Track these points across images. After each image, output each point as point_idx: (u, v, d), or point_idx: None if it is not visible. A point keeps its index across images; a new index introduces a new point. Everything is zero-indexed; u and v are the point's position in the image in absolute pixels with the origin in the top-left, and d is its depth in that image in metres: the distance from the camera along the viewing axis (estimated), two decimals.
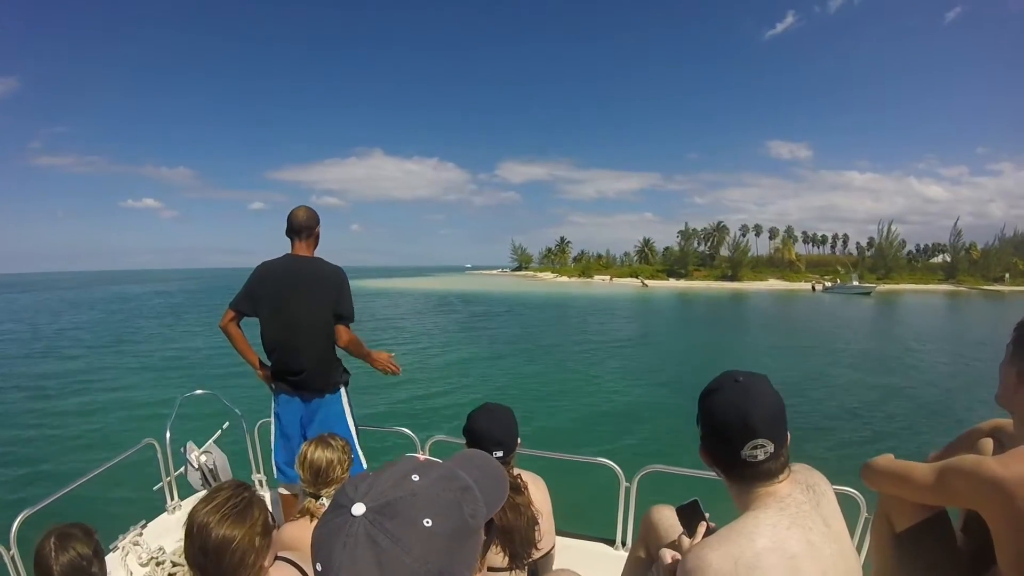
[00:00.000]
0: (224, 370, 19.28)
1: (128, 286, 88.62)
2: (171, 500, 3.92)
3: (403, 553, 0.69)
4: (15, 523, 2.68)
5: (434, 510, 0.73)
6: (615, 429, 13.33)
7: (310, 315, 3.48)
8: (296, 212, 3.59)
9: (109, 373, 19.55)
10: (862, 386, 18.47)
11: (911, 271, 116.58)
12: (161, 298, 58.68)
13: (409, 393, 16.62)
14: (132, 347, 26.01)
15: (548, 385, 18.48)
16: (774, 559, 1.34)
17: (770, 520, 1.40)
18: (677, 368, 21.88)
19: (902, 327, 40.70)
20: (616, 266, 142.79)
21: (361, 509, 0.71)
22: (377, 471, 0.77)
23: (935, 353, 26.87)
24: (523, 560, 2.28)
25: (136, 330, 32.77)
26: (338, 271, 3.61)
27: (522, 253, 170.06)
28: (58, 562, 1.86)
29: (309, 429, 3.53)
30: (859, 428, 13.43)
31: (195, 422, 4.82)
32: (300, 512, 2.34)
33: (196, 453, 3.96)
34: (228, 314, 3.54)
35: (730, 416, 1.46)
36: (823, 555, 1.39)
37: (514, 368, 21.75)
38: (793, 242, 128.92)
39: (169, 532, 3.65)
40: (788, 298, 76.62)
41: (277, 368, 3.55)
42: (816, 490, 1.50)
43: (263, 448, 4.26)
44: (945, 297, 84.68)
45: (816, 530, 1.41)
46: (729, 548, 1.37)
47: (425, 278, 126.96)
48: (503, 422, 2.34)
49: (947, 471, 1.85)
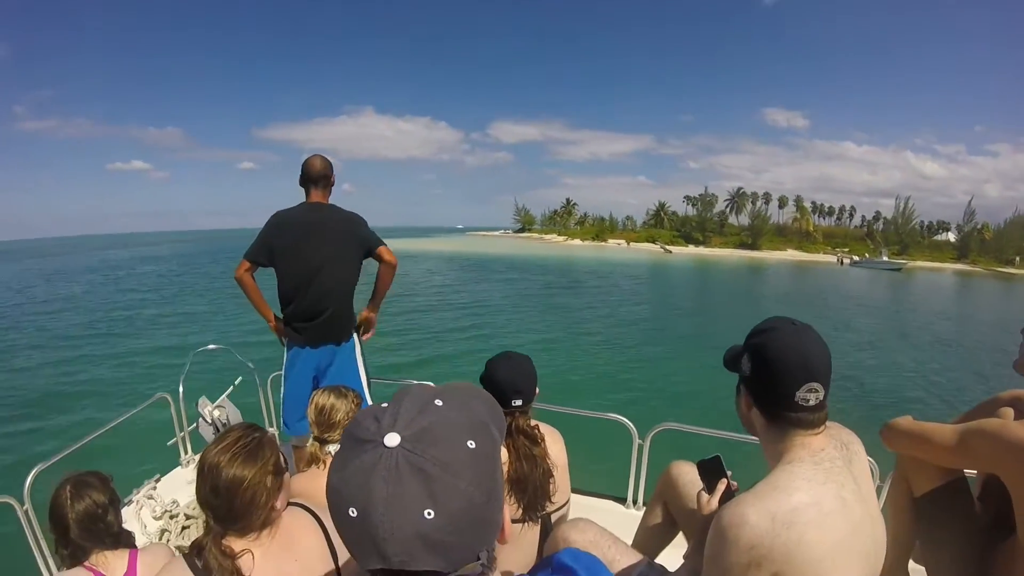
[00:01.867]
0: (236, 326, 19.50)
1: (117, 251, 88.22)
2: (185, 454, 3.94)
3: (455, 478, 0.64)
4: (29, 478, 2.70)
5: (472, 431, 0.69)
6: (630, 387, 13.43)
7: (330, 262, 3.47)
8: (312, 161, 3.56)
9: (121, 331, 19.71)
10: (901, 361, 18.49)
11: (927, 248, 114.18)
12: (157, 263, 58.45)
13: (421, 346, 16.88)
14: (142, 305, 26.19)
15: (563, 343, 18.64)
16: (811, 514, 1.32)
17: (805, 474, 1.38)
18: (704, 333, 21.66)
19: (944, 304, 40.33)
20: (620, 229, 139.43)
21: (396, 439, 0.65)
22: (391, 403, 0.71)
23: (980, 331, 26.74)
24: (537, 512, 2.27)
25: (143, 291, 32.87)
26: (354, 214, 3.61)
27: (525, 214, 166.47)
28: (73, 510, 1.86)
29: (322, 382, 3.53)
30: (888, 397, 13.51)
31: (208, 377, 4.84)
32: (307, 461, 2.33)
33: (209, 408, 3.97)
34: (243, 264, 3.51)
35: (790, 355, 1.41)
36: (854, 513, 1.37)
37: (529, 326, 21.95)
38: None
39: (183, 486, 3.67)
40: (814, 270, 75.23)
41: (293, 318, 3.53)
42: (849, 448, 1.48)
43: (276, 402, 4.27)
44: (962, 277, 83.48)
45: (848, 487, 1.40)
46: (766, 503, 1.34)
47: (426, 239, 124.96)
48: (523, 370, 2.30)
49: (970, 433, 1.85)
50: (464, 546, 0.66)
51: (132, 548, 2.01)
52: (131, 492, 3.47)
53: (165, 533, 3.33)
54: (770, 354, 1.44)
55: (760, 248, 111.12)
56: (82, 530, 1.87)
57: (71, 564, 1.91)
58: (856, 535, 1.36)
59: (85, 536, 1.87)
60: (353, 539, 0.66)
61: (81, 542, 1.88)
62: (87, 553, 1.89)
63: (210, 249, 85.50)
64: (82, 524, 1.86)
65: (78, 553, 1.89)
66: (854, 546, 1.36)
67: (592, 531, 2.02)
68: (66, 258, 71.59)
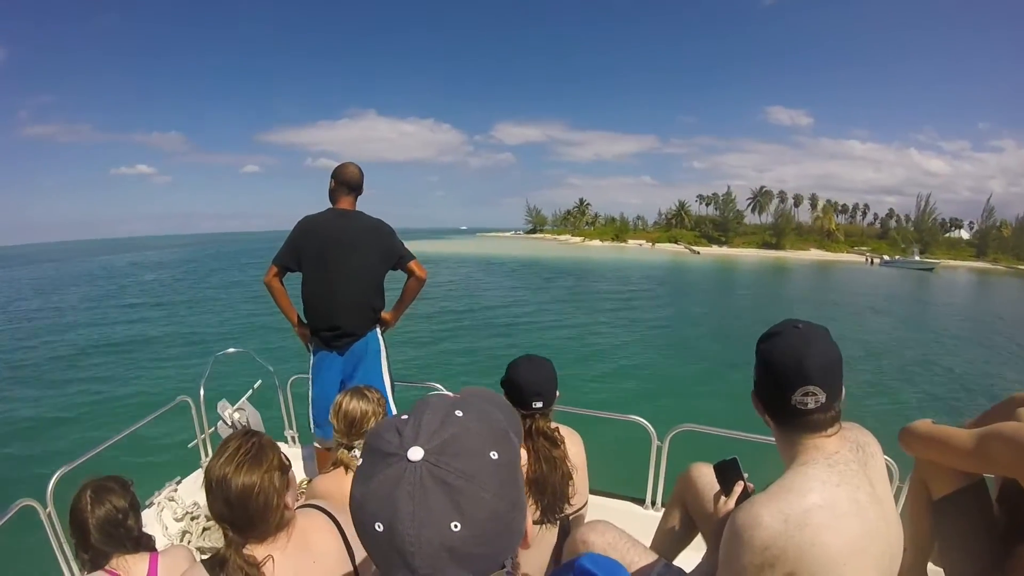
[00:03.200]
0: (256, 329, 19.67)
1: (124, 255, 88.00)
2: (205, 457, 3.97)
3: (480, 489, 0.64)
4: (51, 481, 2.71)
5: (494, 441, 0.69)
6: (649, 388, 13.39)
7: (356, 268, 3.50)
8: (350, 168, 3.62)
9: (142, 335, 19.87)
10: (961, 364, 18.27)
11: (943, 246, 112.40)
12: (167, 268, 58.14)
13: (442, 349, 16.97)
14: (163, 309, 26.49)
15: (584, 344, 18.62)
16: (824, 516, 1.33)
17: (819, 476, 1.39)
18: (731, 335, 21.61)
19: (1000, 307, 38.96)
20: (632, 229, 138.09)
21: (419, 453, 0.64)
22: (411, 414, 0.71)
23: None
24: (555, 514, 2.27)
25: (163, 294, 33.16)
26: (382, 223, 3.64)
27: (537, 215, 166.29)
28: (94, 515, 1.88)
29: (348, 385, 3.55)
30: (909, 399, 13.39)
31: (229, 380, 4.87)
32: (333, 464, 2.34)
33: (229, 410, 4.00)
34: (272, 269, 3.57)
35: (786, 359, 1.43)
36: (869, 516, 1.37)
37: (550, 328, 21.95)
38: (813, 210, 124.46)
39: (204, 488, 3.70)
40: (845, 270, 73.92)
41: (316, 324, 3.57)
42: (865, 450, 1.48)
43: (296, 404, 4.31)
44: (996, 276, 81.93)
45: (863, 490, 1.40)
46: (779, 505, 1.35)
47: (439, 241, 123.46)
48: (544, 372, 2.31)
49: (988, 437, 1.85)
50: (490, 556, 0.66)
51: (152, 551, 2.02)
52: (152, 494, 3.50)
53: (186, 535, 3.37)
54: (770, 359, 1.47)
55: (783, 248, 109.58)
56: (102, 535, 1.88)
57: (92, 568, 1.93)
58: (871, 537, 1.37)
59: (105, 541, 1.89)
60: (380, 553, 0.66)
61: (101, 547, 1.89)
62: (108, 557, 1.91)
63: (216, 253, 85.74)
64: (102, 529, 1.88)
65: (99, 557, 1.91)
66: (869, 548, 1.36)
67: (611, 533, 2.03)
68: (73, 263, 71.72)
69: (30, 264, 75.68)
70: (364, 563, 1.58)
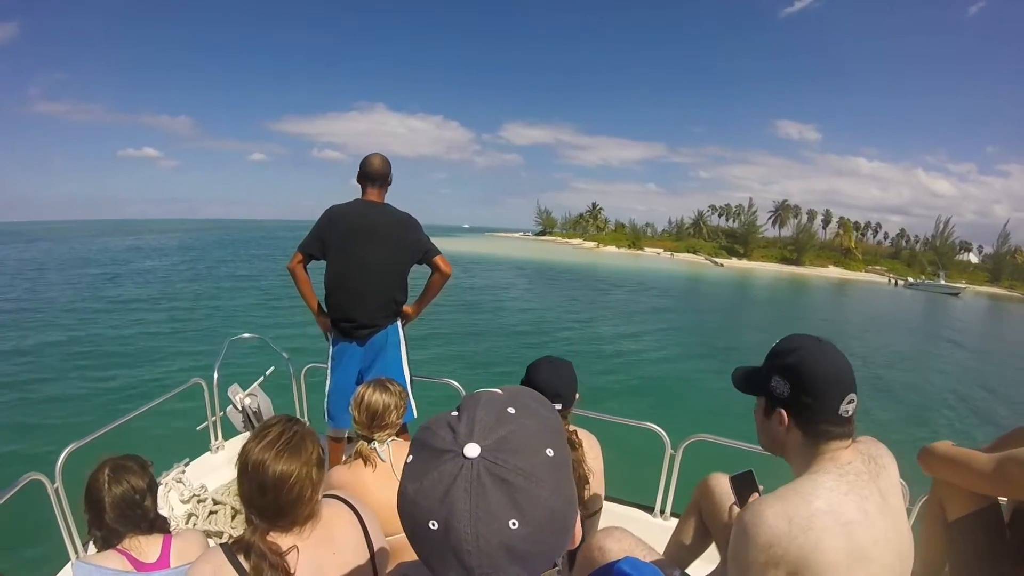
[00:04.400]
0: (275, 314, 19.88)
1: (130, 238, 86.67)
2: (215, 440, 3.98)
3: (538, 487, 0.63)
4: (61, 456, 2.70)
5: (549, 439, 0.68)
6: (665, 396, 13.40)
7: (379, 259, 3.50)
8: (372, 159, 3.60)
9: (159, 316, 20.01)
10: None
11: (955, 270, 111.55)
12: (177, 252, 57.17)
13: (459, 347, 17.01)
14: (186, 292, 26.67)
15: (603, 348, 18.60)
16: (828, 522, 1.35)
17: (828, 484, 1.41)
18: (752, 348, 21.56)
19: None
20: (642, 237, 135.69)
21: (476, 450, 0.64)
22: (463, 411, 0.70)
23: None
24: None
25: (184, 278, 33.29)
26: (408, 216, 3.64)
27: (547, 217, 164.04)
28: (111, 493, 1.86)
29: (367, 376, 3.53)
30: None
31: (244, 364, 4.88)
32: (353, 455, 2.32)
33: (241, 395, 4.01)
34: (296, 256, 3.57)
35: (828, 371, 1.46)
36: (877, 526, 1.39)
37: (569, 331, 21.94)
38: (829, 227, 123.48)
39: (212, 471, 3.72)
40: (868, 291, 72.76)
41: (337, 314, 3.58)
42: (878, 462, 1.50)
43: (308, 394, 4.31)
44: (1009, 302, 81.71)
45: (872, 500, 1.42)
46: (785, 506, 1.38)
47: (446, 239, 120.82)
48: (564, 374, 2.32)
49: (1008, 461, 1.88)
50: (546, 554, 0.66)
51: (166, 533, 2.01)
52: (160, 475, 3.50)
53: (192, 517, 3.37)
54: (810, 372, 1.48)
55: (803, 263, 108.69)
56: (118, 514, 1.87)
57: (103, 547, 1.91)
58: (878, 547, 1.38)
59: (120, 520, 1.88)
60: (433, 552, 0.64)
61: (115, 526, 1.88)
62: (121, 537, 1.90)
63: (222, 240, 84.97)
64: (118, 508, 1.87)
65: (111, 536, 1.90)
66: (875, 558, 1.37)
67: (627, 540, 2.02)
68: (78, 243, 71.10)
69: (35, 241, 75.49)
70: (380, 553, 1.57)
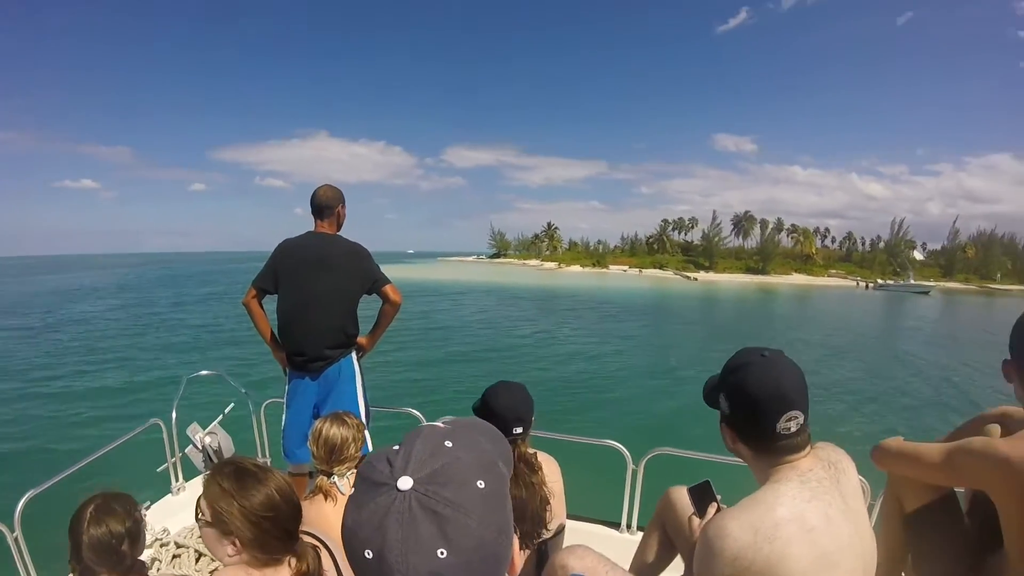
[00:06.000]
0: (231, 351, 19.51)
1: (71, 275, 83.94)
2: (176, 481, 3.92)
3: (467, 518, 0.66)
4: (19, 504, 2.66)
5: (481, 471, 0.71)
6: (623, 413, 13.46)
7: (329, 291, 3.49)
8: (318, 191, 3.61)
9: (114, 355, 19.51)
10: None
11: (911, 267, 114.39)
12: (120, 290, 54.40)
13: (417, 375, 16.82)
14: (138, 330, 26.01)
15: (558, 369, 18.61)
16: (793, 530, 1.36)
17: (791, 492, 1.42)
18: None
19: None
20: (609, 254, 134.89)
21: (409, 482, 0.66)
22: (403, 445, 0.73)
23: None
24: (533, 539, 2.29)
25: (137, 314, 32.41)
26: (358, 246, 3.64)
27: (501, 239, 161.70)
28: (88, 533, 1.83)
29: (323, 411, 3.52)
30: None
31: (202, 402, 4.81)
32: (313, 491, 2.32)
33: (200, 434, 3.95)
34: (250, 291, 3.56)
35: (766, 389, 1.45)
36: (841, 531, 1.40)
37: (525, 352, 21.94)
38: (775, 233, 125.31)
39: (174, 513, 3.65)
40: (841, 296, 73.37)
41: (290, 347, 3.55)
42: (837, 467, 1.51)
43: (269, 429, 4.27)
44: (988, 296, 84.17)
45: (835, 505, 1.43)
46: (749, 517, 1.38)
47: (402, 267, 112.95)
48: (521, 398, 2.34)
49: (957, 451, 1.90)
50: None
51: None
52: None
53: (156, 562, 3.29)
54: (747, 391, 1.49)
55: (768, 272, 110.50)
56: (94, 555, 1.84)
57: None
58: (842, 552, 1.40)
59: (96, 560, 1.85)
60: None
61: (92, 565, 1.86)
62: (96, 575, 1.88)
63: (166, 275, 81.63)
64: (94, 550, 1.84)
65: (87, 572, 1.88)
66: (840, 562, 1.39)
67: (590, 557, 2.03)
68: (16, 281, 69.15)
69: None
70: None
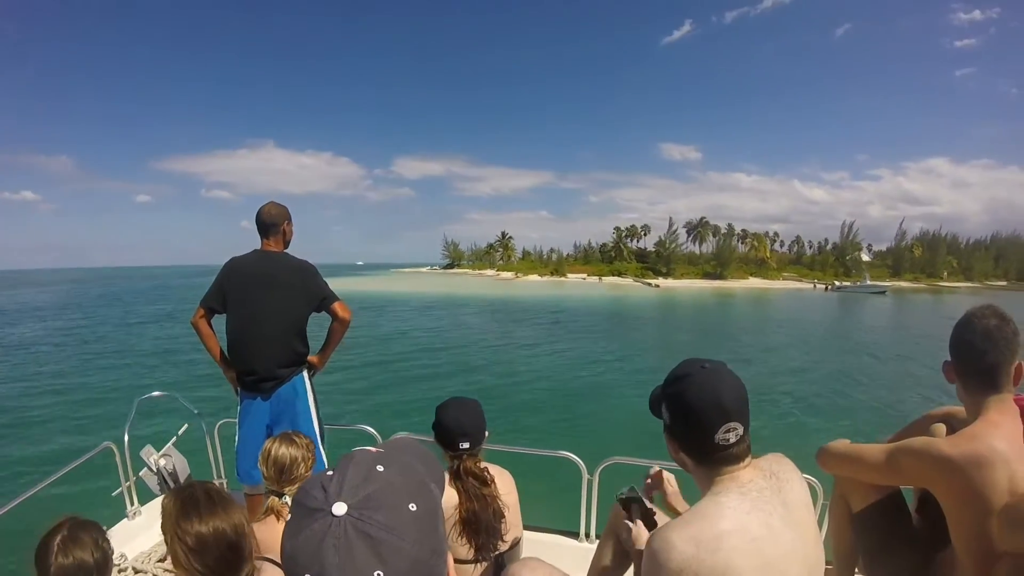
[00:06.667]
0: (183, 371, 19.12)
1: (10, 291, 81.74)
2: (131, 505, 3.85)
3: (400, 540, 0.68)
4: None
5: (413, 494, 0.74)
6: (577, 423, 13.60)
7: (277, 309, 3.47)
8: (262, 209, 3.59)
9: (60, 379, 18.89)
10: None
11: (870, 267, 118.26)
12: (65, 308, 53.44)
13: (371, 391, 16.74)
14: (85, 350, 25.19)
15: (518, 382, 18.65)
16: (735, 541, 1.38)
17: (731, 503, 1.44)
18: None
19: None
20: (555, 262, 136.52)
21: (343, 508, 0.69)
22: (336, 470, 0.76)
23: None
24: (489, 552, 2.32)
25: (83, 335, 31.33)
26: (305, 264, 3.62)
27: (454, 249, 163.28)
28: (56, 563, 1.80)
29: (276, 430, 3.48)
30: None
31: (156, 424, 4.73)
32: (264, 512, 2.33)
33: (155, 456, 3.88)
34: (199, 311, 3.53)
35: (704, 400, 1.48)
36: (783, 539, 1.43)
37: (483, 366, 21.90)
38: (734, 238, 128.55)
39: (130, 538, 3.59)
40: (801, 297, 75.47)
41: (240, 367, 3.52)
42: (779, 477, 1.54)
43: (223, 450, 4.22)
44: (936, 293, 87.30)
45: (776, 515, 1.45)
46: (691, 530, 1.40)
47: (356, 279, 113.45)
48: (470, 414, 2.39)
49: (897, 451, 1.98)
50: None
51: None
52: None
53: None
54: (685, 401, 1.52)
55: (725, 277, 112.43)
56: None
57: None
58: (786, 559, 1.42)
59: None
60: None
61: None
62: None
63: (117, 291, 79.82)
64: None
65: None
66: (786, 570, 1.41)
67: (542, 570, 2.07)
68: None
69: None
70: None
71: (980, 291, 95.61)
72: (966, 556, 1.85)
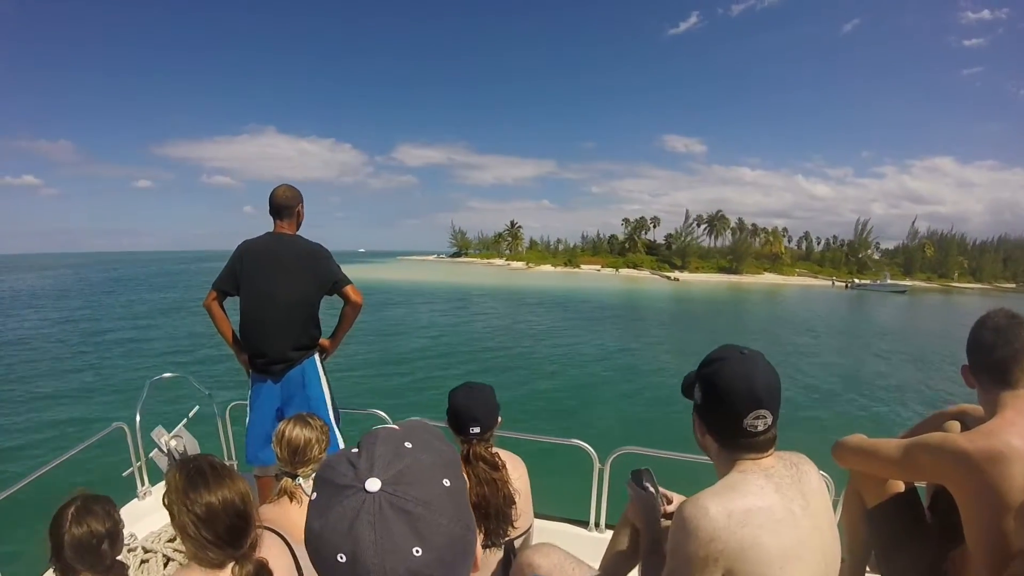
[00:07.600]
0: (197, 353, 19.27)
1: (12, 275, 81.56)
2: (142, 486, 3.87)
3: (438, 515, 0.67)
4: None
5: (444, 470, 0.73)
6: (591, 412, 13.53)
7: (289, 292, 3.45)
8: (276, 191, 3.57)
9: (77, 358, 19.13)
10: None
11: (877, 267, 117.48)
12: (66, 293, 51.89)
13: (387, 377, 16.78)
14: (96, 333, 25.28)
15: (531, 371, 18.65)
16: (763, 518, 1.40)
17: (758, 482, 1.46)
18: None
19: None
20: (568, 252, 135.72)
21: (377, 484, 0.67)
22: (362, 447, 0.73)
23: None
24: (499, 538, 2.31)
25: (94, 316, 31.65)
26: (319, 247, 3.60)
27: (462, 238, 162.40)
28: (70, 533, 1.85)
29: (287, 412, 3.47)
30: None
31: (167, 405, 4.75)
32: (278, 493, 2.32)
33: (166, 437, 3.89)
34: (211, 293, 3.52)
35: (736, 384, 1.49)
36: (802, 527, 1.44)
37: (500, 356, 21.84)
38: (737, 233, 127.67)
39: (140, 518, 3.60)
40: (821, 294, 73.96)
41: (251, 350, 3.52)
42: (799, 468, 1.55)
43: (235, 431, 4.24)
44: (954, 294, 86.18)
45: (797, 503, 1.47)
46: (723, 500, 1.42)
47: (364, 266, 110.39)
48: (482, 399, 2.38)
49: (914, 447, 1.96)
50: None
51: None
52: None
53: None
54: (719, 383, 1.52)
55: (741, 272, 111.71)
56: (74, 554, 1.86)
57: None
58: (805, 546, 1.43)
59: (76, 559, 1.86)
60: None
61: (72, 563, 1.87)
62: (76, 573, 1.88)
63: (119, 276, 78.69)
64: (74, 549, 1.85)
65: (67, 571, 1.89)
66: (803, 556, 1.42)
67: (556, 555, 2.06)
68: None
69: None
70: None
71: (990, 292, 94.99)
72: (980, 553, 1.84)
